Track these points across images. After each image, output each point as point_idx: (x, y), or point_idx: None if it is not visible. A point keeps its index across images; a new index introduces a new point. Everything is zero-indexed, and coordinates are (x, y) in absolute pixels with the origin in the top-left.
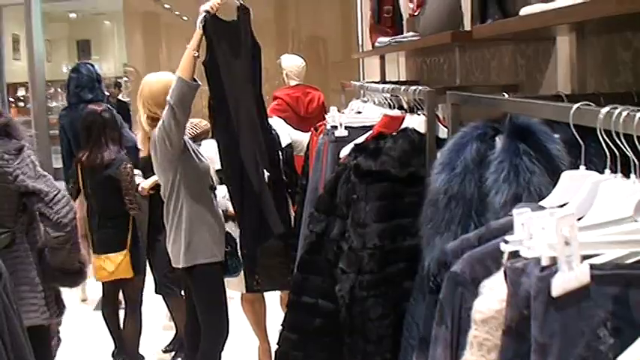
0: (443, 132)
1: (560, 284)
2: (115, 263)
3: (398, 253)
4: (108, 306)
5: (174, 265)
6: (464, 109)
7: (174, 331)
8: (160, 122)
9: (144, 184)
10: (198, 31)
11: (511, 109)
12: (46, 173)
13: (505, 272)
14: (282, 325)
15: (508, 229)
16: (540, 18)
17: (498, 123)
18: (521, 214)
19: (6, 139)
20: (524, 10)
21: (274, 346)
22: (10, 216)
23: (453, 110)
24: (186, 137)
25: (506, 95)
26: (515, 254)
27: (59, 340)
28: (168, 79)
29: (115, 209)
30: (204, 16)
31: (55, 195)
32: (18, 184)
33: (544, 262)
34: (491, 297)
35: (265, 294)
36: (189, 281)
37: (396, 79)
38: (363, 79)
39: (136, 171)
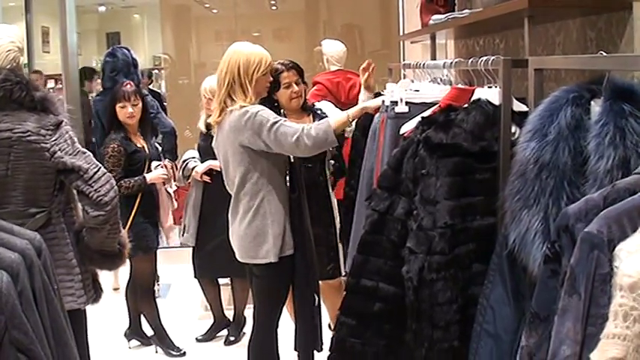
0: (517, 105)
1: None
2: None
3: (468, 233)
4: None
5: (245, 260)
6: None
7: (211, 320)
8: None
9: (198, 168)
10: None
11: (612, 67)
12: (85, 150)
13: None
14: (339, 309)
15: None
16: None
17: (595, 85)
18: None
19: (43, 114)
20: None
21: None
22: (47, 195)
23: (536, 77)
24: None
25: (604, 53)
26: None
27: None
28: (261, 52)
29: None
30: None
31: (95, 172)
32: (55, 160)
33: None
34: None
35: None
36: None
37: None
38: None
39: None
